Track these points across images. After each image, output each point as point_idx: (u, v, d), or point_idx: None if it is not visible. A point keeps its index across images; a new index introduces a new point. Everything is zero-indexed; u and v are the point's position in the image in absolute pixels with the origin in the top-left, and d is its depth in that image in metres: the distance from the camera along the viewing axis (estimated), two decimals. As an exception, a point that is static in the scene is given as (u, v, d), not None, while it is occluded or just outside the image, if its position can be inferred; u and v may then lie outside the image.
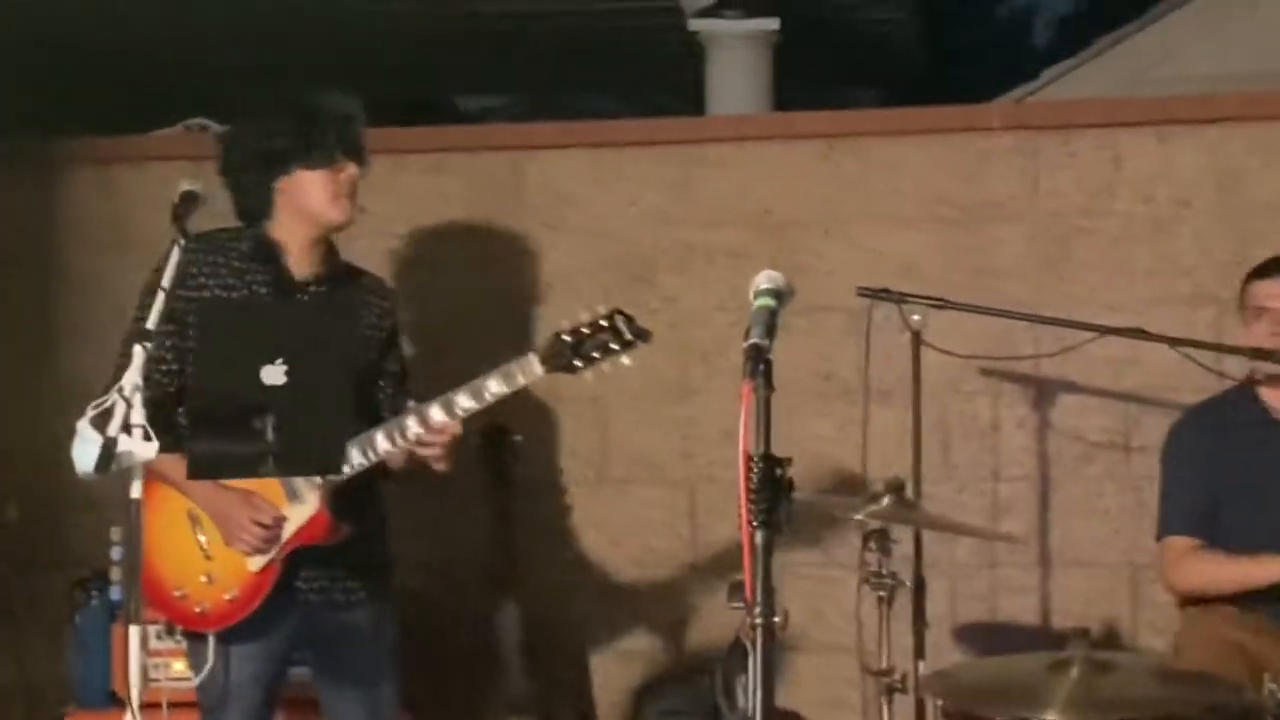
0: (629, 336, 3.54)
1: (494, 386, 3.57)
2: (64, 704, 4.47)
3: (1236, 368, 4.42)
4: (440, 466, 3.64)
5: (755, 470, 2.37)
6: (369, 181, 4.98)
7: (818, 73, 8.24)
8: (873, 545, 3.79)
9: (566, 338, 3.53)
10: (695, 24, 7.30)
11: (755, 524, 2.34)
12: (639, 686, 4.96)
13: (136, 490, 2.82)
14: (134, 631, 2.83)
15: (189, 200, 3.28)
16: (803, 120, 5.22)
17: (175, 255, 3.13)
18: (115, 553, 3.77)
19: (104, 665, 4.38)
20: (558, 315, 4.89)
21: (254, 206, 3.72)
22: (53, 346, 5.01)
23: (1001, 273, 4.94)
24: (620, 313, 3.56)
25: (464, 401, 3.58)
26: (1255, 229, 4.80)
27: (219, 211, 3.71)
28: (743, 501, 2.34)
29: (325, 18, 7.41)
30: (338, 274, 3.82)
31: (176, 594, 3.64)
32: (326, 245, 3.80)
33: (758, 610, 2.30)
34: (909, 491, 4.18)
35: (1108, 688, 3.40)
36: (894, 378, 4.64)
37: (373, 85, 8.56)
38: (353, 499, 3.66)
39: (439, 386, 4.67)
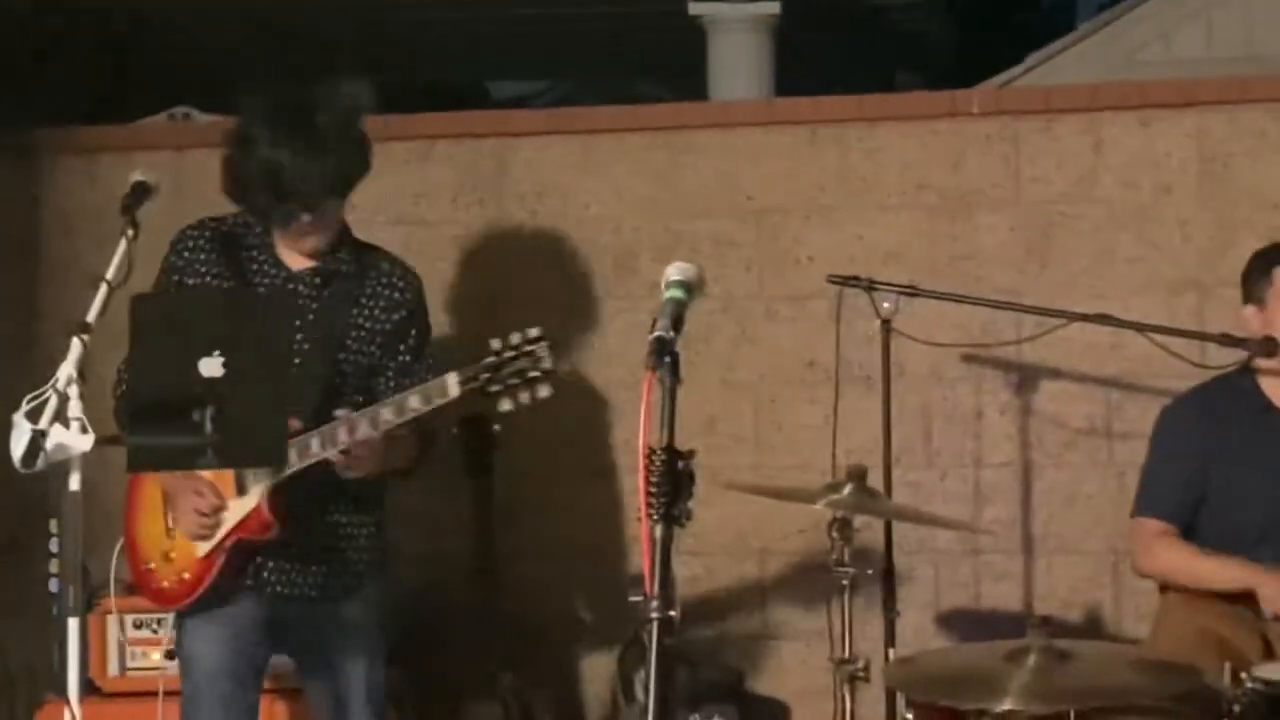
0: (549, 366, 3.47)
1: (414, 402, 3.53)
2: (44, 692, 4.49)
3: (1218, 355, 4.37)
4: (349, 474, 3.62)
5: (656, 463, 2.36)
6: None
7: (826, 57, 8.20)
8: (834, 534, 3.77)
9: (488, 358, 3.48)
10: (695, 8, 7.27)
11: (655, 517, 2.33)
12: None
13: (75, 483, 2.83)
14: (73, 625, 2.85)
15: (140, 191, 3.31)
16: (786, 106, 5.22)
17: (123, 247, 3.14)
18: (54, 544, 3.79)
19: (82, 654, 4.39)
20: (540, 302, 4.97)
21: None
22: (36, 335, 5.04)
23: (984, 259, 4.92)
24: (543, 339, 3.48)
25: (386, 415, 3.54)
26: (1239, 215, 4.77)
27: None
28: (642, 495, 2.33)
29: (352, 4, 7.42)
30: (338, 265, 3.79)
31: (146, 567, 3.74)
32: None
33: (654, 605, 2.29)
34: (879, 479, 4.17)
35: (1066, 676, 3.38)
36: (875, 364, 4.61)
37: (403, 70, 8.62)
38: (327, 494, 3.68)
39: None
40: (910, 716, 3.62)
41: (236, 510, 3.61)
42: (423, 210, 5.10)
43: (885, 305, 4.31)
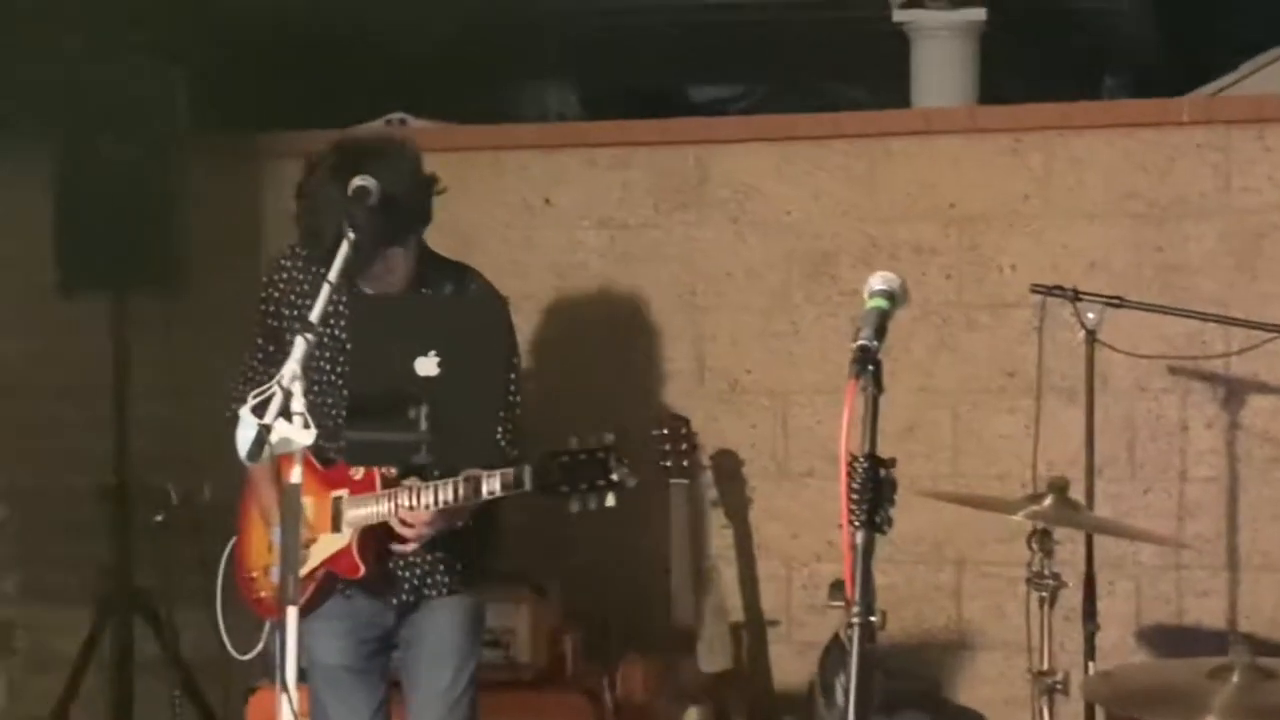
0: (615, 478, 3.46)
1: (494, 485, 3.51)
2: (257, 679, 4.65)
3: None
4: (403, 547, 3.65)
5: (858, 470, 2.39)
6: (557, 173, 5.16)
7: (1029, 62, 8.10)
8: (1034, 545, 3.75)
9: (563, 458, 3.47)
10: (900, 14, 7.23)
11: (856, 524, 2.36)
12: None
13: (296, 476, 2.94)
14: (291, 613, 2.96)
15: (360, 194, 3.41)
16: (988, 114, 5.19)
17: (344, 249, 3.25)
18: (274, 535, 3.93)
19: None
20: (739, 307, 5.02)
21: None
22: (257, 334, 5.22)
23: (1192, 270, 4.84)
24: (612, 449, 3.49)
25: (466, 490, 3.53)
26: None
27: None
28: (843, 502, 2.36)
29: (551, 10, 7.54)
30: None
31: (249, 575, 3.87)
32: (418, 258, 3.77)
33: (856, 610, 2.32)
34: (1082, 492, 4.14)
35: (1271, 695, 3.32)
36: (1078, 375, 4.58)
37: (604, 74, 8.72)
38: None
39: (612, 371, 4.79)
40: (1109, 731, 3.59)
41: (327, 545, 3.67)
42: (625, 214, 5.18)
43: (1090, 316, 4.27)
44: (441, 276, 3.79)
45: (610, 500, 3.46)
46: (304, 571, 3.68)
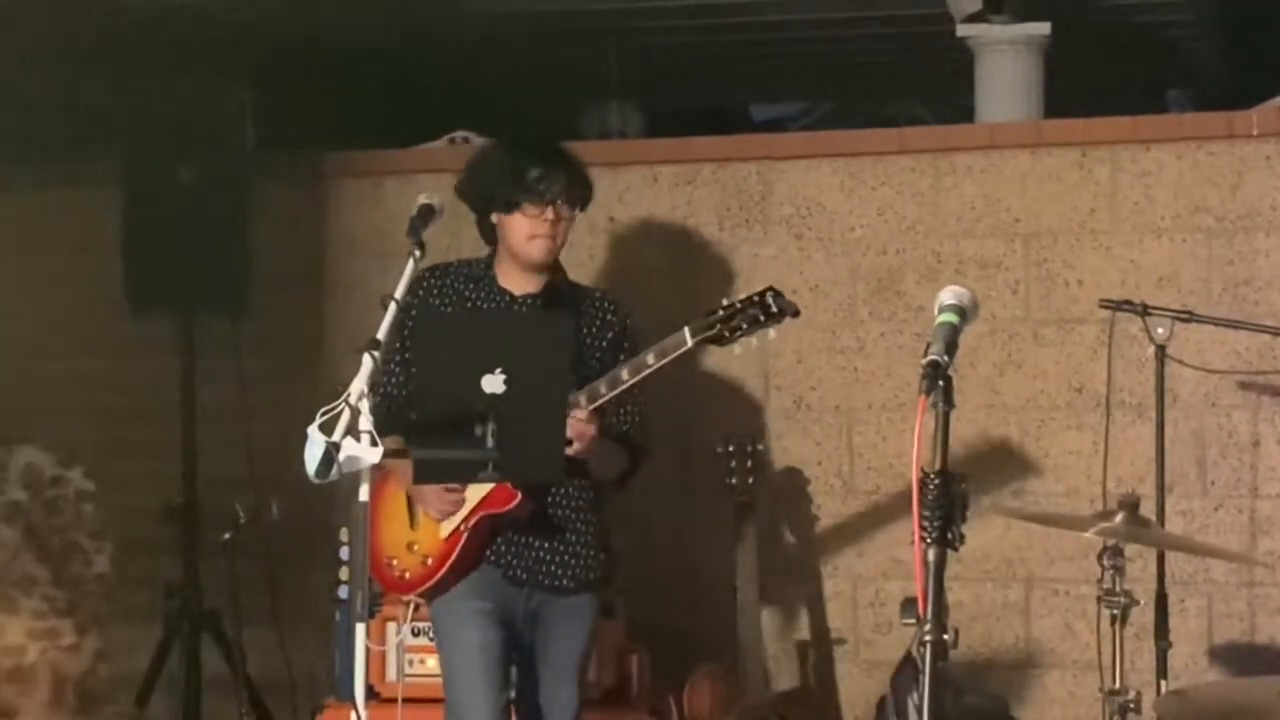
0: (775, 310, 3.69)
1: (650, 359, 3.78)
2: (324, 696, 4.67)
3: None
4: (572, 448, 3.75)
5: (930, 486, 2.37)
6: (619, 192, 5.15)
7: (1095, 76, 8.05)
8: (1105, 562, 3.72)
9: (719, 312, 3.73)
10: (964, 29, 7.19)
11: (928, 540, 2.34)
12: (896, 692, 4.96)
13: (364, 494, 2.95)
14: (359, 629, 2.96)
15: (426, 213, 3.44)
16: (1054, 128, 5.15)
17: (410, 267, 3.27)
18: (344, 553, 3.95)
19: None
20: (803, 324, 5.00)
21: (483, 232, 4.05)
22: (324, 353, 5.25)
23: (1262, 283, 4.79)
24: (771, 289, 3.75)
25: (624, 374, 3.82)
26: None
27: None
28: (915, 518, 2.34)
29: (613, 29, 7.56)
30: (558, 291, 4.03)
31: (388, 562, 3.96)
32: (547, 267, 4.02)
33: (927, 627, 2.30)
34: (1152, 508, 4.09)
35: (1348, 716, 3.28)
36: (1146, 391, 4.55)
37: (667, 93, 8.72)
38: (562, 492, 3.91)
39: (678, 388, 4.79)
40: (1183, 749, 3.54)
41: (479, 489, 3.79)
42: (689, 232, 5.17)
43: (1159, 330, 4.23)
44: (572, 284, 4.10)
45: (773, 332, 3.72)
46: (455, 523, 3.84)
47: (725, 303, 3.78)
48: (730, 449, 4.72)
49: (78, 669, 1.82)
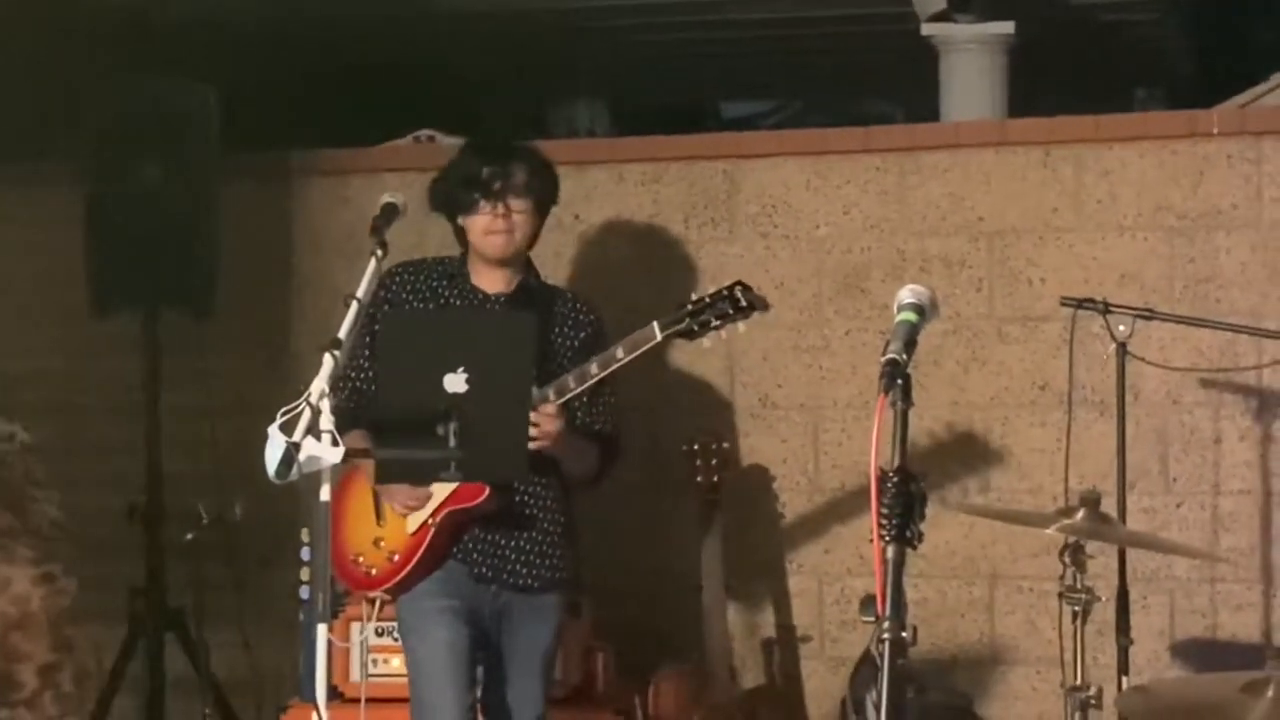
0: (744, 304, 3.76)
1: (619, 353, 3.84)
2: (289, 697, 4.66)
3: None
4: (540, 444, 3.76)
5: (889, 485, 2.38)
6: (586, 190, 5.15)
7: (1060, 74, 8.08)
8: (1067, 559, 3.73)
9: (688, 306, 3.81)
10: (928, 28, 7.22)
11: (887, 539, 2.35)
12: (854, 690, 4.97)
13: (325, 494, 2.95)
14: (321, 630, 2.96)
15: (389, 212, 3.44)
16: (1018, 127, 5.17)
17: (372, 266, 3.27)
18: (305, 553, 3.94)
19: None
20: (769, 322, 5.00)
21: (458, 238, 4.09)
22: (289, 351, 5.25)
23: (1224, 281, 4.82)
24: (740, 284, 3.82)
25: (593, 369, 3.85)
26: None
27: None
28: (874, 516, 2.35)
29: (581, 27, 7.55)
30: (530, 291, 4.06)
31: (354, 559, 3.96)
32: (518, 267, 4.05)
33: (886, 625, 2.31)
34: (1114, 505, 4.11)
35: (1307, 711, 3.29)
36: (1109, 388, 4.56)
37: (635, 91, 8.73)
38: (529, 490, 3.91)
39: (645, 386, 4.80)
40: (1143, 746, 3.56)
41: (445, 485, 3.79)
42: (656, 230, 5.18)
43: (1121, 328, 4.26)
44: (544, 285, 4.14)
45: (742, 326, 3.79)
46: (422, 518, 3.84)
47: (695, 297, 3.83)
48: (696, 447, 4.73)
49: (64, 609, 1.84)
